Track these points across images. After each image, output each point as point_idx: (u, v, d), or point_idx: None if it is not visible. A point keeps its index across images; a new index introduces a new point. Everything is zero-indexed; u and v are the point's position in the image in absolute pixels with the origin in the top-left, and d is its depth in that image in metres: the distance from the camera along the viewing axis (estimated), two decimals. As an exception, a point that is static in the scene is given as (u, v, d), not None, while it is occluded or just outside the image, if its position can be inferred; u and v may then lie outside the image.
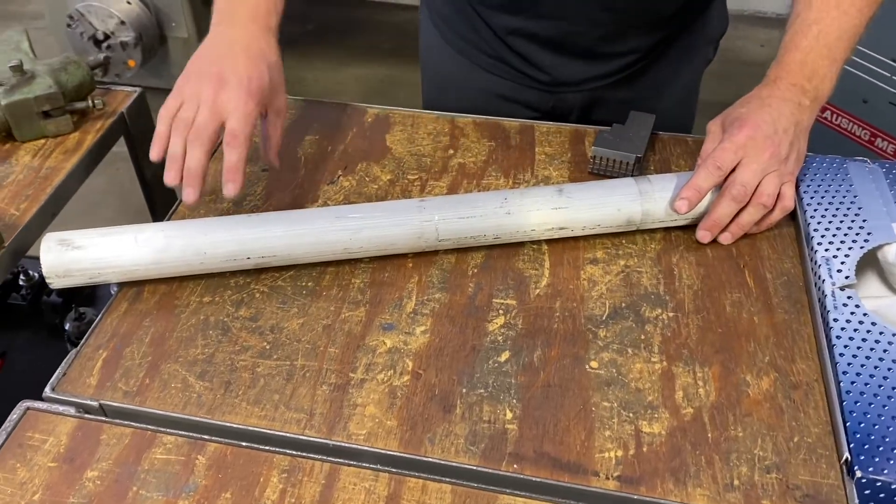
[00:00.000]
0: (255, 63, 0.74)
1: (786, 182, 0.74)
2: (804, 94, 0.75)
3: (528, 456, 0.59)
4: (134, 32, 2.28)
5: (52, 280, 0.70)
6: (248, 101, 0.72)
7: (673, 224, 0.76)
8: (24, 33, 0.97)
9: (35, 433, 0.61)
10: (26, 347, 1.10)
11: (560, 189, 0.75)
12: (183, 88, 0.74)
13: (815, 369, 0.65)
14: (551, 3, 0.89)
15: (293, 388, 0.64)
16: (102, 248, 0.70)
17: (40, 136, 0.89)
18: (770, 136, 0.72)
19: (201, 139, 0.71)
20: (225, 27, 0.77)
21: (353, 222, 0.72)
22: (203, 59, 0.75)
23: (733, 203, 0.73)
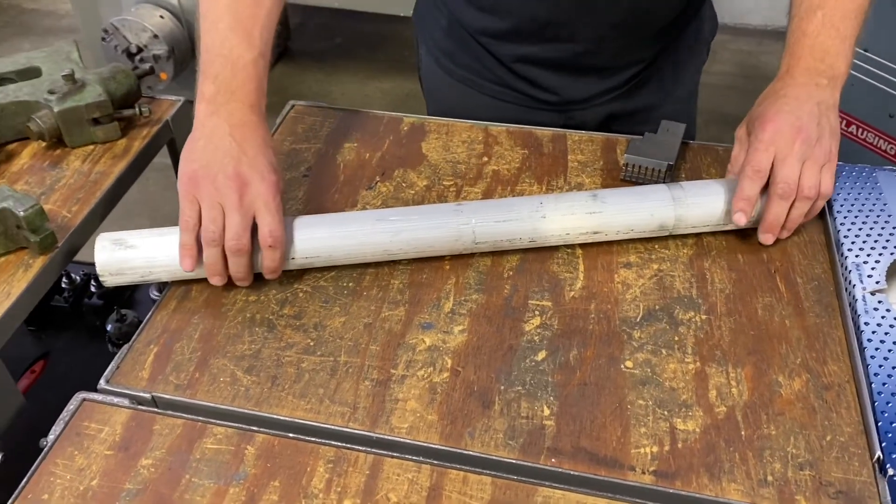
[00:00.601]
0: (265, 153, 0.72)
1: (825, 165, 0.74)
2: (819, 74, 0.75)
3: (566, 450, 0.61)
4: (166, 46, 2.33)
5: (105, 278, 0.73)
6: (275, 196, 0.71)
7: (705, 229, 0.78)
8: (73, 44, 1.01)
9: (91, 423, 0.64)
10: (68, 349, 1.13)
11: (594, 194, 0.77)
12: (197, 192, 0.70)
13: (846, 371, 0.67)
14: (558, 28, 0.91)
15: (337, 383, 0.66)
16: (154, 247, 0.73)
17: (90, 142, 0.93)
18: (794, 123, 0.73)
19: (241, 249, 0.70)
20: (221, 118, 0.72)
21: (393, 225, 0.74)
22: (209, 157, 0.71)
23: (782, 202, 0.73)
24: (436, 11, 1.00)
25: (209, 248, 0.70)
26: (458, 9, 0.96)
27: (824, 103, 0.74)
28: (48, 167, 0.90)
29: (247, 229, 0.70)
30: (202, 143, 0.72)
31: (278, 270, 0.73)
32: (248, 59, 0.74)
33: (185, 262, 0.71)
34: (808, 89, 0.75)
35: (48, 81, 0.92)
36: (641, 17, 0.91)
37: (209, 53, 0.74)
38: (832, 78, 0.75)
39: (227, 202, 0.69)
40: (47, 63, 0.97)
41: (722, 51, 2.85)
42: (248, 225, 0.70)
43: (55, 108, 0.89)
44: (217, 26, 0.74)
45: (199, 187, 0.70)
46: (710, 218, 0.77)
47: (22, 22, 3.15)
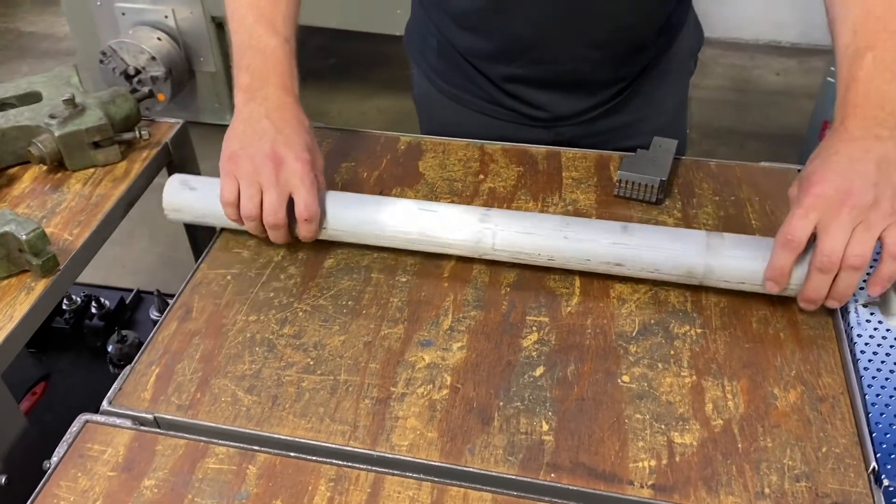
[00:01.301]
0: (299, 133, 0.77)
1: (888, 227, 0.64)
2: (880, 125, 0.67)
3: (565, 466, 0.62)
4: (164, 67, 2.35)
5: (168, 213, 0.83)
6: (309, 172, 0.75)
7: (740, 287, 0.73)
8: (73, 68, 1.02)
9: (94, 444, 0.64)
10: (69, 370, 1.14)
11: (625, 226, 0.75)
12: (236, 171, 0.76)
13: (840, 383, 0.67)
14: (541, 49, 0.92)
15: (337, 402, 0.67)
16: (212, 195, 0.79)
17: (90, 166, 0.94)
18: (841, 186, 0.65)
19: (278, 223, 0.76)
20: (258, 103, 0.78)
21: (419, 215, 0.77)
22: (248, 138, 0.76)
23: (822, 275, 0.66)
24: (426, 32, 1.02)
25: (249, 222, 0.77)
26: (447, 30, 0.97)
27: (886, 159, 0.65)
28: (49, 191, 0.91)
29: (282, 205, 0.75)
30: (241, 127, 0.78)
31: (314, 238, 0.79)
32: (275, 44, 0.80)
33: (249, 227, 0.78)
34: (865, 143, 0.66)
35: (49, 106, 0.94)
36: (623, 36, 0.92)
37: (240, 48, 0.81)
38: (894, 127, 0.67)
39: (264, 180, 0.75)
40: (48, 87, 0.98)
41: (714, 65, 2.87)
42: (284, 200, 0.75)
43: (56, 132, 0.90)
44: (243, 23, 0.81)
45: (238, 166, 0.76)
46: (747, 275, 0.71)
47: (20, 45, 3.18)
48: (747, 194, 0.88)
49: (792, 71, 2.90)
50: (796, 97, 2.74)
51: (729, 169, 0.92)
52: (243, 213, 0.76)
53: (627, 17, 0.89)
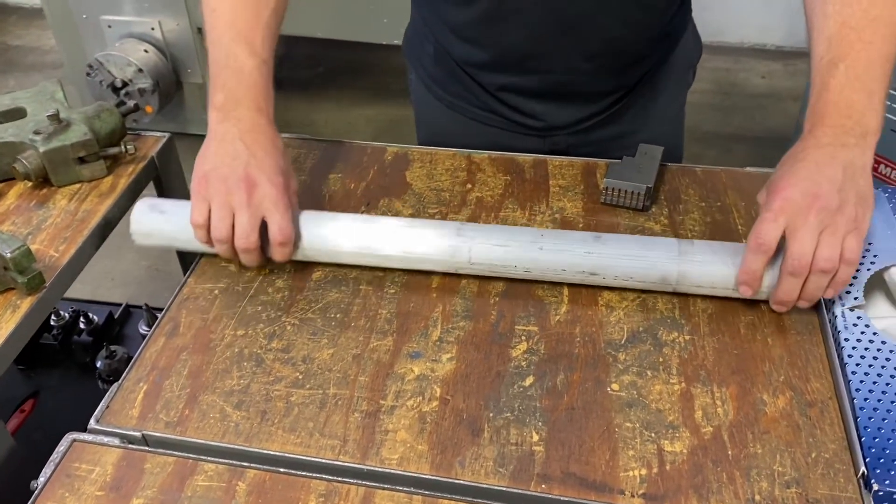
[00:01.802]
0: (274, 156, 0.76)
1: (849, 233, 0.66)
2: (847, 133, 0.68)
3: (556, 476, 0.62)
4: (151, 79, 2.35)
5: (136, 238, 0.80)
6: (283, 195, 0.74)
7: (713, 293, 0.74)
8: (57, 83, 1.02)
9: (82, 464, 0.64)
10: (58, 386, 1.13)
11: (598, 236, 0.76)
12: (207, 193, 0.74)
13: (828, 388, 0.68)
14: (535, 60, 0.92)
15: (326, 416, 0.67)
16: (181, 217, 0.77)
17: (76, 181, 0.93)
18: (809, 190, 0.66)
19: (249, 247, 0.75)
20: (231, 124, 0.76)
21: (395, 231, 0.77)
22: (220, 160, 0.75)
23: (792, 278, 0.68)
24: (424, 39, 1.02)
25: (220, 244, 0.76)
26: (444, 38, 0.98)
27: (851, 166, 0.67)
28: (35, 207, 0.90)
29: (255, 228, 0.74)
30: (213, 147, 0.76)
31: (287, 260, 0.78)
32: (252, 66, 0.78)
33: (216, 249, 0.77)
34: (832, 150, 0.68)
35: (33, 122, 0.93)
36: (615, 48, 0.92)
37: (217, 66, 0.79)
38: (861, 136, 0.68)
39: (236, 203, 0.74)
40: (32, 103, 0.97)
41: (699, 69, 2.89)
42: (257, 224, 0.74)
43: (41, 148, 0.90)
44: (221, 40, 0.79)
45: (209, 188, 0.75)
46: (719, 280, 0.73)
47: (7, 59, 3.16)
48: (733, 200, 0.89)
49: (777, 74, 2.92)
50: (782, 100, 2.76)
51: (714, 175, 0.93)
52: (214, 236, 0.75)
53: (619, 29, 0.89)
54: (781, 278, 0.69)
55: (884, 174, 1.93)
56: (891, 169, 1.91)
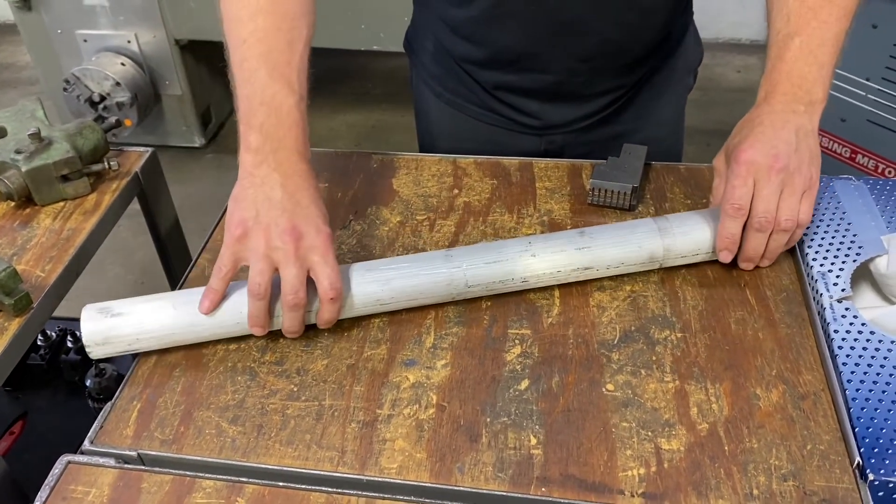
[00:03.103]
0: (318, 203, 0.71)
1: (805, 192, 0.73)
2: (797, 101, 0.75)
3: (555, 479, 0.62)
4: (129, 93, 2.33)
5: (91, 349, 0.71)
6: (330, 247, 0.70)
7: (695, 260, 0.78)
8: (37, 102, 1.01)
9: (78, 486, 0.63)
10: (47, 407, 1.12)
11: (581, 231, 0.77)
12: (245, 242, 0.69)
13: (820, 379, 0.68)
14: (529, 60, 0.93)
15: (323, 428, 0.66)
16: (142, 314, 0.71)
17: (60, 199, 0.93)
18: (770, 152, 0.72)
19: (299, 303, 0.69)
20: (271, 168, 0.71)
21: (384, 273, 0.73)
22: (260, 207, 0.69)
23: (759, 234, 0.74)
24: (424, 37, 1.03)
25: (256, 301, 0.69)
26: (442, 36, 0.98)
27: (802, 129, 0.74)
28: (18, 227, 0.89)
29: (303, 283, 0.69)
30: (252, 193, 0.70)
31: (334, 321, 0.72)
32: (292, 103, 0.73)
33: (204, 304, 0.70)
34: (784, 116, 0.74)
35: (14, 141, 0.92)
36: (611, 51, 0.93)
37: (251, 102, 0.73)
38: (809, 104, 0.75)
39: (280, 256, 0.68)
40: (12, 122, 0.97)
41: (679, 65, 2.91)
42: (304, 278, 0.69)
43: (23, 167, 0.89)
44: (256, 75, 0.73)
45: (248, 238, 0.69)
46: (699, 246, 0.77)
47: (-19, 76, 3.13)
48: (719, 197, 0.89)
49: (753, 68, 2.94)
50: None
51: (698, 171, 0.94)
52: (252, 290, 0.68)
53: (614, 32, 0.90)
54: (748, 236, 0.74)
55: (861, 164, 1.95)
56: (868, 159, 1.94)
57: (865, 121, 1.88)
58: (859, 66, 1.83)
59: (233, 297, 0.72)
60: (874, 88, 1.83)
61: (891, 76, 1.79)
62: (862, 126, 1.89)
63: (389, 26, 2.19)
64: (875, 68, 1.81)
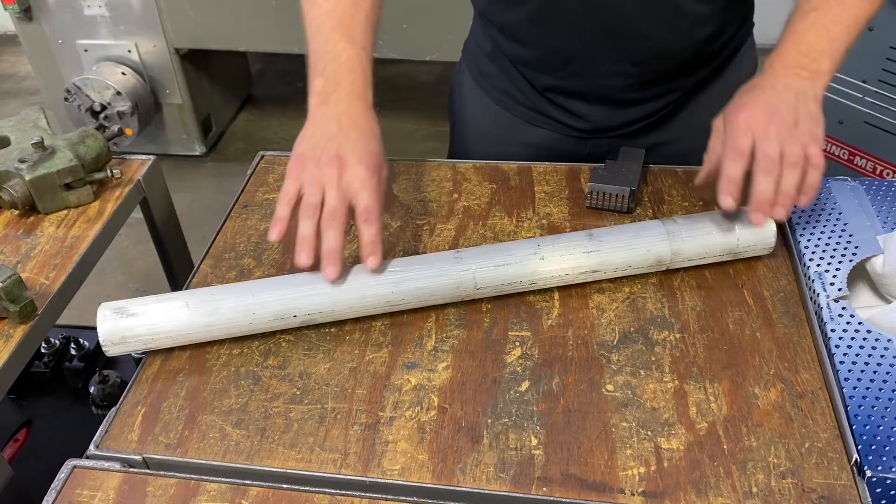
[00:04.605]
0: (367, 139, 0.76)
1: (808, 144, 0.72)
2: (801, 67, 0.75)
3: (556, 479, 0.62)
4: (130, 102, 2.34)
5: (108, 348, 0.72)
6: (372, 177, 0.74)
7: (703, 262, 0.79)
8: (40, 111, 1.02)
9: (84, 490, 0.64)
10: (51, 414, 1.12)
11: (590, 234, 0.77)
12: (300, 172, 0.74)
13: (818, 378, 0.69)
14: (579, 63, 0.93)
15: (326, 430, 0.67)
16: (156, 314, 0.72)
17: (63, 208, 0.93)
18: (767, 109, 0.73)
19: (337, 221, 0.73)
20: (329, 107, 0.77)
21: (395, 276, 0.74)
22: (315, 141, 0.76)
23: (766, 176, 0.72)
24: (482, 37, 1.03)
25: (305, 219, 0.73)
26: (497, 38, 0.99)
27: (803, 93, 0.74)
28: (22, 235, 0.90)
29: (343, 205, 0.73)
30: (311, 130, 0.77)
31: (377, 249, 0.74)
32: (351, 52, 0.79)
33: (273, 232, 0.74)
34: (786, 80, 0.75)
35: (18, 150, 0.93)
36: (661, 57, 0.92)
37: (316, 54, 0.80)
38: (814, 72, 0.75)
39: (326, 181, 0.73)
40: (15, 131, 0.97)
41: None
42: (345, 202, 0.73)
43: (26, 176, 0.90)
44: (321, 30, 0.81)
45: (303, 167, 0.75)
46: (707, 250, 0.77)
47: (-18, 87, 3.14)
48: (714, 197, 0.90)
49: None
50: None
51: (696, 174, 0.94)
52: (302, 211, 0.73)
53: (663, 38, 0.90)
54: (755, 180, 0.73)
55: (860, 165, 1.96)
56: (866, 161, 1.94)
57: (863, 123, 1.89)
58: (856, 68, 1.84)
59: (244, 297, 0.73)
60: (871, 91, 1.84)
61: (887, 78, 1.80)
62: (859, 128, 1.90)
63: (388, 34, 2.20)
64: (872, 71, 1.82)
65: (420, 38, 2.20)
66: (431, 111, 2.72)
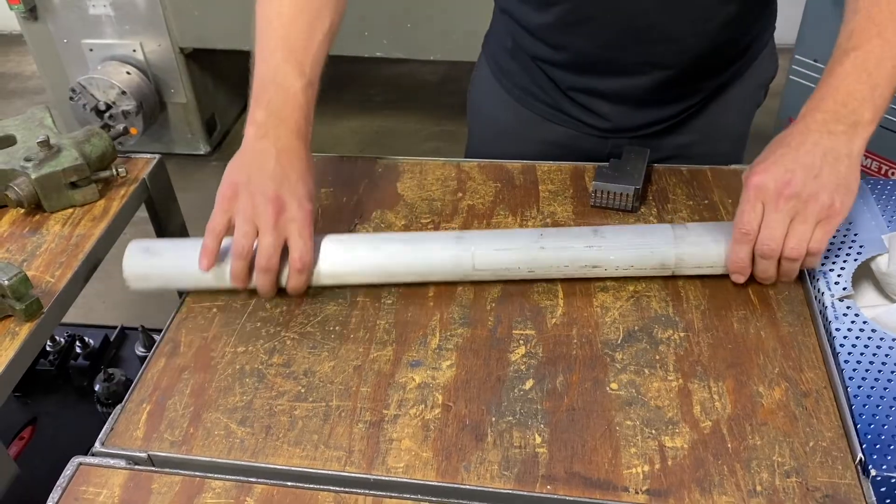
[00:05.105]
0: (306, 181, 0.76)
1: (821, 221, 0.69)
2: (837, 121, 0.69)
3: (560, 477, 0.62)
4: (135, 101, 2.35)
5: (130, 282, 0.78)
6: (309, 224, 0.75)
7: (710, 272, 0.77)
8: (46, 110, 1.02)
9: (89, 487, 0.64)
10: (56, 412, 1.13)
11: (595, 230, 0.77)
12: (231, 204, 0.74)
13: (822, 377, 0.69)
14: (606, 64, 0.93)
15: (331, 428, 0.67)
16: (177, 257, 0.78)
17: (68, 206, 0.94)
18: (782, 177, 0.68)
19: (270, 268, 0.74)
20: (269, 142, 0.76)
21: (395, 247, 0.77)
22: (253, 175, 0.75)
23: (764, 261, 0.72)
24: (503, 33, 1.03)
25: (238, 260, 0.75)
26: (521, 37, 0.99)
27: (833, 152, 0.68)
28: (28, 233, 0.90)
29: (277, 250, 0.74)
30: (248, 160, 0.76)
31: (302, 290, 0.78)
32: (298, 87, 0.78)
33: (203, 263, 0.76)
34: (817, 136, 0.69)
35: (23, 148, 0.94)
36: (688, 59, 0.91)
37: (262, 81, 0.78)
38: (852, 125, 0.68)
39: (262, 222, 0.74)
40: (21, 130, 0.98)
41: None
42: (280, 246, 0.74)
43: (32, 174, 0.90)
44: (272, 57, 0.79)
45: (237, 200, 0.75)
46: (714, 261, 0.76)
47: (-13, 86, 3.15)
48: (720, 197, 0.90)
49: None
50: (762, 96, 2.79)
51: (700, 173, 0.94)
52: (234, 251, 0.74)
53: (689, 39, 0.89)
54: (755, 260, 0.73)
55: (864, 165, 1.95)
56: (871, 160, 1.94)
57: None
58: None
59: None
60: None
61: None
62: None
63: (392, 33, 2.20)
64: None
65: (424, 38, 2.20)
66: (435, 111, 2.73)
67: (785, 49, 3.07)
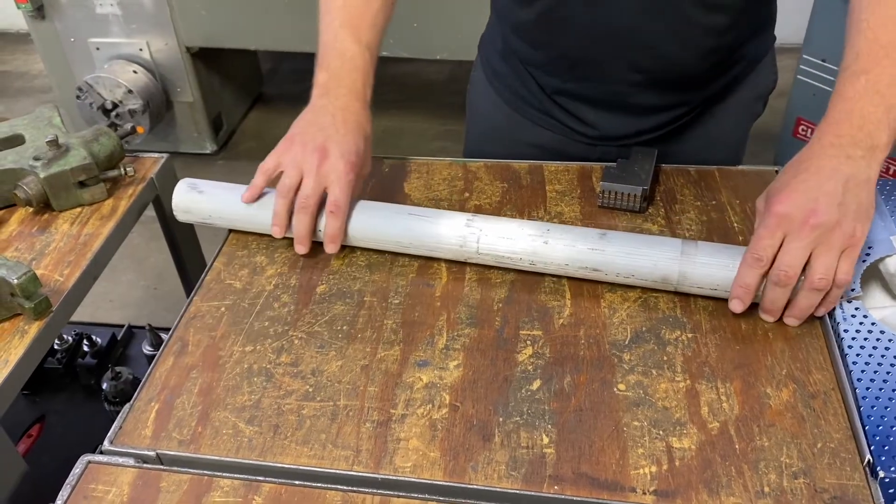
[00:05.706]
0: (355, 136, 0.82)
1: (846, 249, 0.67)
2: (855, 145, 0.68)
3: (567, 477, 0.62)
4: (141, 100, 2.36)
5: (177, 214, 0.88)
6: (349, 173, 0.80)
7: (713, 294, 0.75)
8: (54, 109, 1.03)
9: (98, 485, 0.64)
10: (64, 410, 1.13)
11: (604, 233, 0.77)
12: (285, 152, 0.82)
13: (830, 378, 0.69)
14: (586, 66, 0.93)
15: (338, 427, 0.67)
16: (218, 197, 0.86)
17: (77, 205, 0.94)
18: (806, 205, 0.67)
19: (308, 208, 0.80)
20: (329, 100, 0.83)
21: (406, 221, 0.82)
22: (308, 127, 0.82)
23: (777, 288, 0.69)
24: (495, 35, 1.04)
25: (280, 198, 0.81)
26: (509, 37, 0.99)
27: (854, 179, 0.67)
28: (37, 232, 0.91)
29: (316, 192, 0.80)
30: (308, 117, 0.84)
31: (335, 239, 0.82)
32: (356, 51, 0.85)
33: (246, 195, 0.84)
34: (836, 162, 0.68)
35: (32, 148, 0.94)
36: (665, 64, 0.90)
37: (324, 48, 0.86)
38: (870, 149, 0.68)
39: (306, 167, 0.80)
40: (30, 129, 0.98)
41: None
42: (319, 191, 0.80)
43: (41, 173, 0.90)
44: (332, 24, 0.86)
45: (290, 148, 0.82)
46: (718, 283, 0.73)
47: (-6, 85, 3.17)
48: (727, 198, 0.90)
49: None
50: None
51: (708, 174, 0.94)
52: (278, 189, 0.81)
53: (670, 46, 0.88)
54: (767, 287, 0.71)
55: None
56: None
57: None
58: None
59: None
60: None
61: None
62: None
63: (398, 33, 2.21)
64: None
65: (430, 37, 2.20)
66: (442, 110, 2.73)
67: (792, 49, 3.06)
